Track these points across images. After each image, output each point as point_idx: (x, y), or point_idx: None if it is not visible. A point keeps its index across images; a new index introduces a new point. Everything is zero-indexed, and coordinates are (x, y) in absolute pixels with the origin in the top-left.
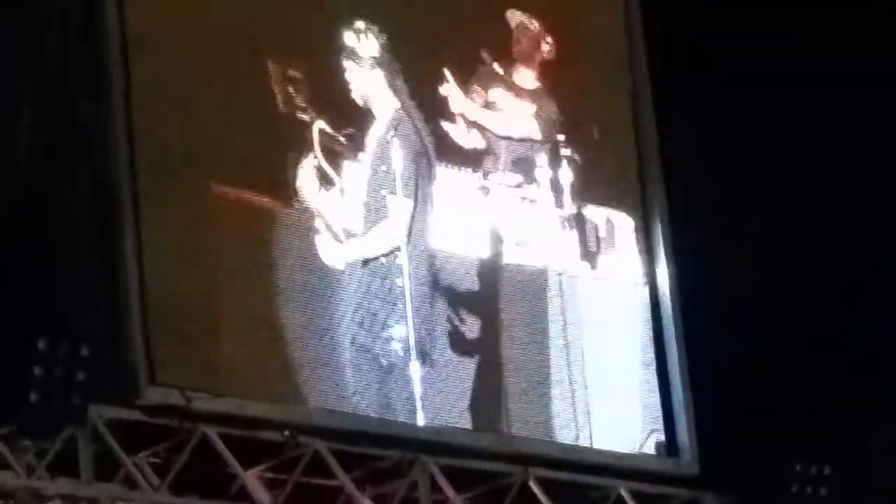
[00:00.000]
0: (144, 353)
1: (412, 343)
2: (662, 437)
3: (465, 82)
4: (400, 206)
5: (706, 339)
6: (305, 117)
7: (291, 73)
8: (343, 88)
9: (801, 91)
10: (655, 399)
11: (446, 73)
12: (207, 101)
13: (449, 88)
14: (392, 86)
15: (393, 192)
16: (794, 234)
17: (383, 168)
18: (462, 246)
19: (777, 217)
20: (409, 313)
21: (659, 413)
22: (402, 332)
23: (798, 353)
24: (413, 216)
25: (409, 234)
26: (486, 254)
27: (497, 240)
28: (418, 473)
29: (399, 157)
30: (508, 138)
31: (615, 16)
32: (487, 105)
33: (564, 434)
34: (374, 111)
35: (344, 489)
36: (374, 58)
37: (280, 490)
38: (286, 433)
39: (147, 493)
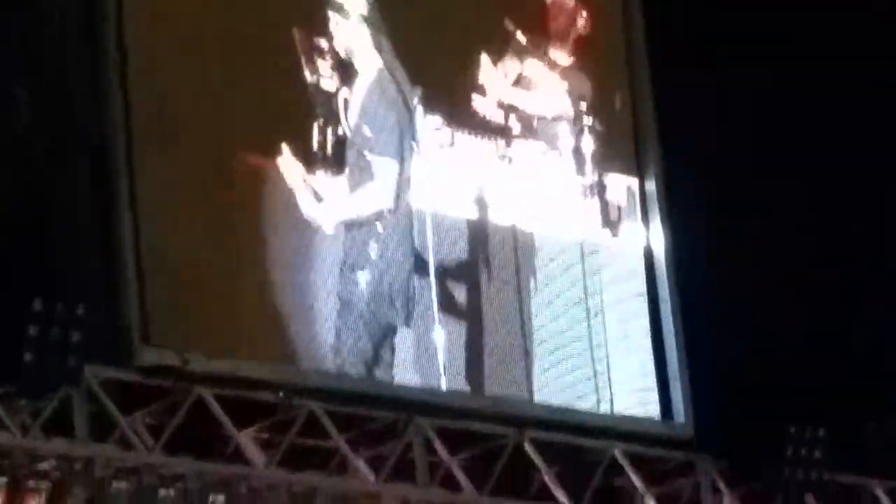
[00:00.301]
0: (140, 315)
1: (435, 309)
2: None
3: (499, 57)
4: (385, 167)
5: (703, 304)
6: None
7: (316, 41)
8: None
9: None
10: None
11: (482, 57)
12: (214, 70)
13: (484, 73)
14: (377, 44)
15: (376, 153)
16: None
17: (366, 128)
18: (478, 213)
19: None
20: (433, 279)
21: (667, 377)
22: (412, 297)
23: (795, 321)
24: (400, 177)
25: (397, 197)
26: (504, 221)
27: (516, 207)
28: (413, 435)
29: (382, 117)
30: (543, 118)
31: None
32: (521, 82)
33: (585, 400)
34: (357, 67)
35: (338, 450)
36: (362, 15)
37: (275, 451)
38: (281, 394)
39: (142, 454)
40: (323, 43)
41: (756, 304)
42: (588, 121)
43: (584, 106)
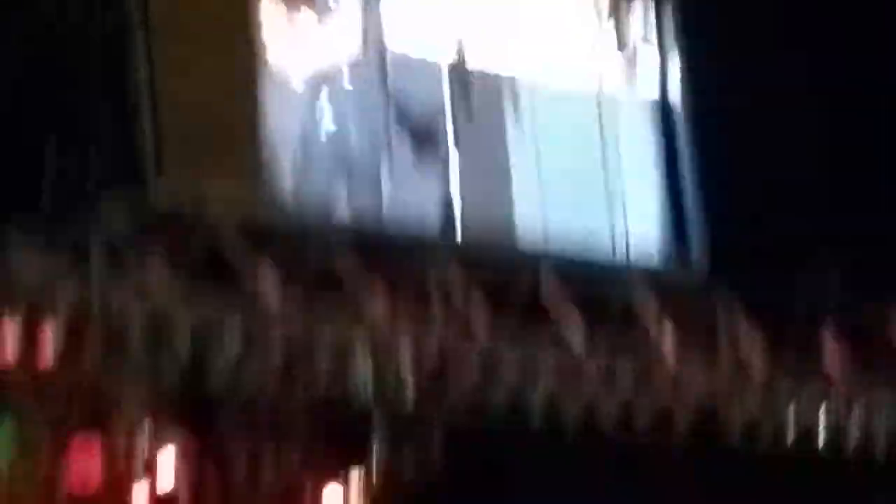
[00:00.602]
0: (155, 149)
1: (450, 153)
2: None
3: None
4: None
5: (719, 137)
6: None
7: None
8: None
9: None
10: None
11: None
12: None
13: None
14: None
15: None
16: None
17: None
18: (485, 57)
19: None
20: (448, 125)
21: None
22: (391, 144)
23: (813, 151)
24: (365, 17)
25: (365, 39)
26: (516, 65)
27: (528, 48)
28: (430, 275)
29: None
30: None
31: None
32: None
33: (601, 241)
34: None
35: (354, 287)
36: None
37: (291, 285)
38: (297, 227)
39: (160, 286)
40: None
41: (773, 135)
42: None
43: None
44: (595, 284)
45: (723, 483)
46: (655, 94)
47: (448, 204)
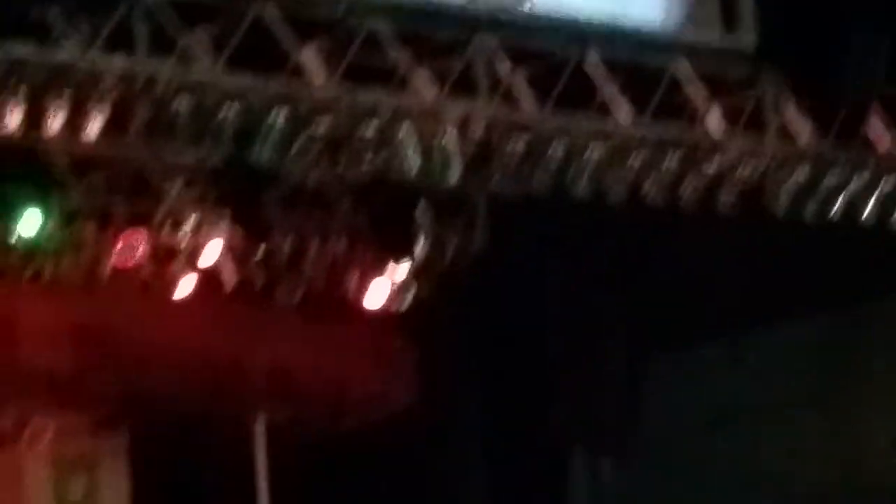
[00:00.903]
0: None
1: None
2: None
3: None
4: None
5: None
6: None
7: None
8: None
9: None
10: None
11: None
12: None
13: None
14: None
15: None
16: None
17: None
18: None
19: None
20: None
21: None
22: None
23: None
24: None
25: None
26: None
27: None
28: (475, 51)
29: None
30: None
31: None
32: None
33: (648, 13)
34: None
35: (400, 67)
36: None
37: (335, 68)
38: (342, 10)
39: (203, 70)
40: None
41: None
42: None
43: None
44: (642, 57)
45: (767, 255)
46: None
47: None
